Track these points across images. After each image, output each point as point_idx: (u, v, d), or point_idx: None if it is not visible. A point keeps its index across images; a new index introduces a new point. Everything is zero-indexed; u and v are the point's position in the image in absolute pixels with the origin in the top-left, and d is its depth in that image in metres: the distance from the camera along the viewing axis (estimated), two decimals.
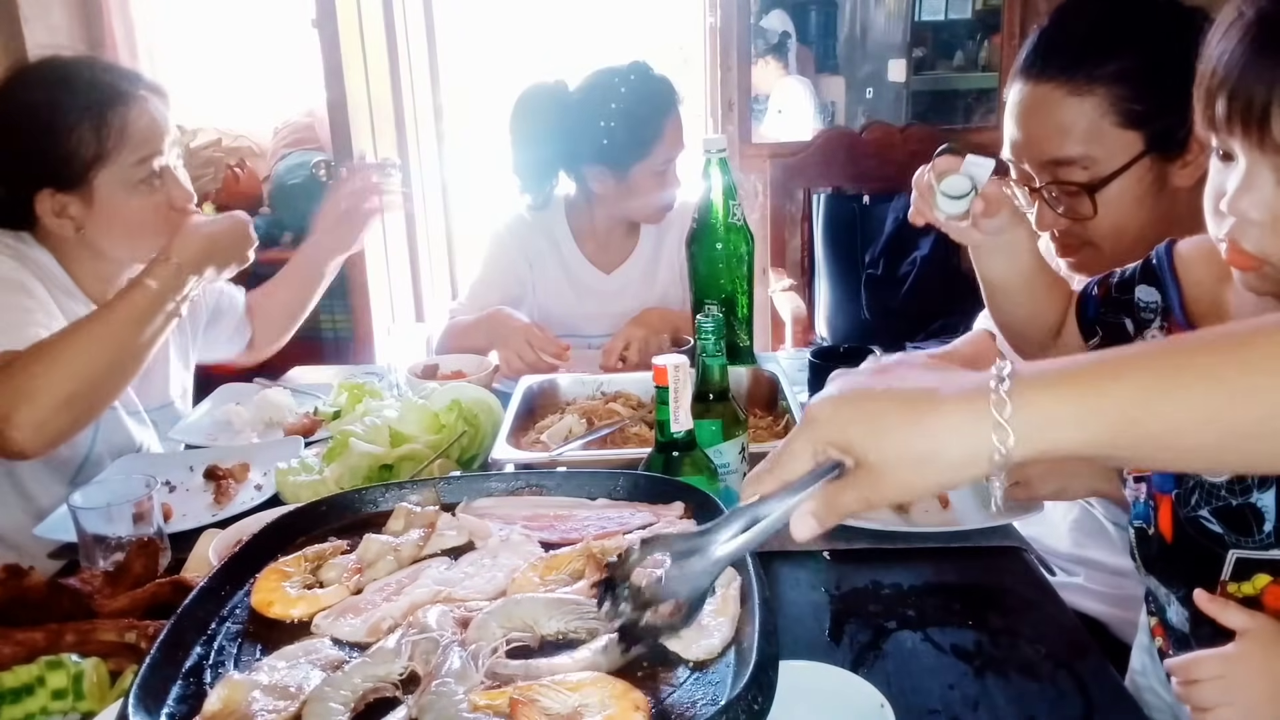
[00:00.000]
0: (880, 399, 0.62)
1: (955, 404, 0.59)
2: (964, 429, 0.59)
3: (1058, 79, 1.20)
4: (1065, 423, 0.58)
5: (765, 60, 3.82)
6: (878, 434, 0.61)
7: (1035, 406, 0.58)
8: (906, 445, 0.60)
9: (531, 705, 0.66)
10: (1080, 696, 0.95)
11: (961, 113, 3.75)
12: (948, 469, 0.60)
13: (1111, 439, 0.58)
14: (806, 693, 0.81)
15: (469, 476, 1.15)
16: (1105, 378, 0.59)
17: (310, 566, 0.90)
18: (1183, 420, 0.57)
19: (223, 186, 3.50)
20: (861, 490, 0.63)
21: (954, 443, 0.59)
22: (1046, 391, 0.58)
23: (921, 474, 0.61)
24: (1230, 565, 0.90)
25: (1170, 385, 0.58)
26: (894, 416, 0.61)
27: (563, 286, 2.11)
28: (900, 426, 0.60)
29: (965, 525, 1.25)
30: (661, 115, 1.93)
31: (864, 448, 0.61)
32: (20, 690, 0.87)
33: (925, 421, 0.60)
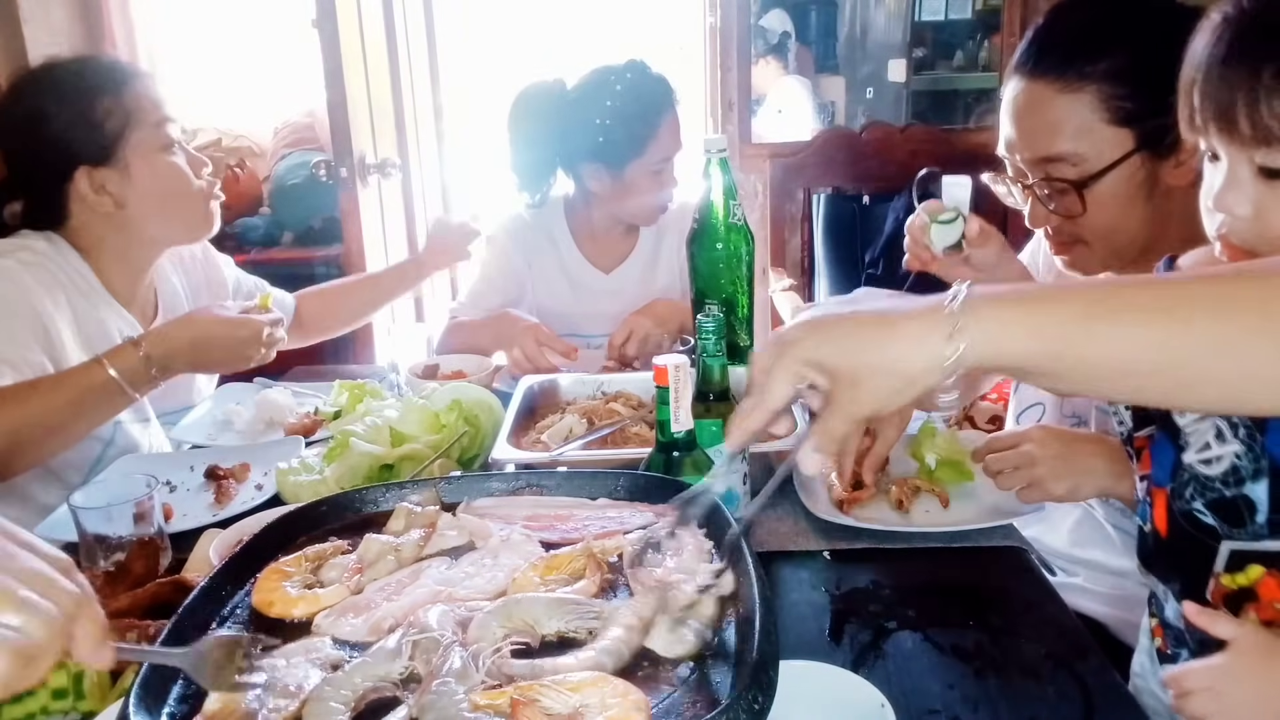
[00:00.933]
0: (847, 321, 0.70)
1: (914, 318, 0.67)
2: (922, 337, 0.66)
3: (1050, 76, 1.22)
4: (1012, 335, 0.66)
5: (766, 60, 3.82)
6: (847, 350, 0.69)
7: (986, 319, 0.66)
8: (872, 357, 0.68)
9: (532, 705, 0.66)
10: (1080, 697, 0.95)
11: (961, 113, 3.76)
12: (909, 375, 0.67)
13: (1053, 354, 0.65)
14: (806, 693, 0.81)
15: (469, 476, 1.15)
16: (1052, 300, 0.67)
17: (311, 566, 0.90)
18: (1118, 347, 0.65)
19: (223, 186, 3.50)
20: (841, 408, 0.70)
21: (913, 350, 0.67)
22: (996, 306, 0.66)
23: (888, 382, 0.68)
24: (1224, 557, 0.90)
25: (1110, 312, 0.65)
26: (860, 333, 0.69)
27: (562, 286, 2.11)
28: (866, 341, 0.68)
29: (965, 525, 1.25)
30: (656, 114, 1.93)
31: (835, 364, 0.69)
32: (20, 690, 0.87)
33: (887, 334, 0.68)
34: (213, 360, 1.53)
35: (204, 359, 1.50)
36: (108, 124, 1.52)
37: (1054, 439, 1.22)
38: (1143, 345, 0.65)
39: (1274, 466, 0.85)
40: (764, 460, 1.37)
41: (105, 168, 1.53)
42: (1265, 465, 0.85)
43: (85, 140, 1.52)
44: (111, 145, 1.52)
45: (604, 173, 1.97)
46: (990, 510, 1.28)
